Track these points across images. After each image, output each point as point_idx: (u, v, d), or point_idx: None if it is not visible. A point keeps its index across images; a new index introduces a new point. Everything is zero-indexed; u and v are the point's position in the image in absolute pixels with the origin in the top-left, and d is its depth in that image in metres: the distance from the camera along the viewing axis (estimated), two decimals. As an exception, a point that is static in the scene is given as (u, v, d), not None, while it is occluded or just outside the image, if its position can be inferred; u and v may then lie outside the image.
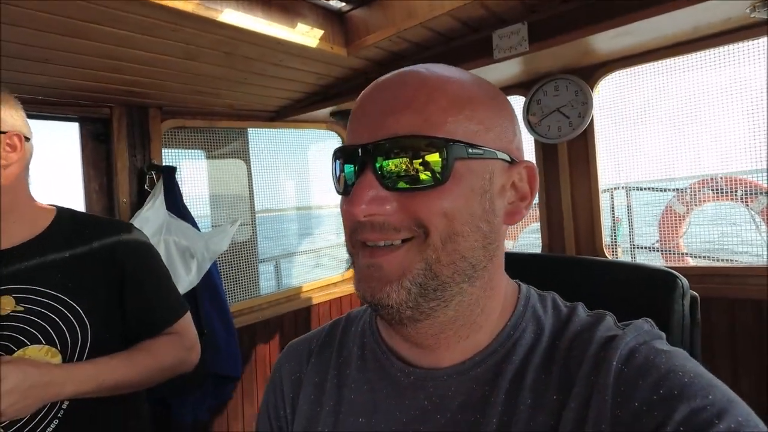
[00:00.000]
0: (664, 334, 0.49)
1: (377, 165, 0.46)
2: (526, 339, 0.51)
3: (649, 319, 0.50)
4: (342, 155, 0.51)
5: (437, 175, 0.45)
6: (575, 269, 0.80)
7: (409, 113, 0.45)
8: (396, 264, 0.46)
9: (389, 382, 0.54)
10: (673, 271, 0.72)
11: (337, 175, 0.52)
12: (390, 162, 0.45)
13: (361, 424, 0.53)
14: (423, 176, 0.45)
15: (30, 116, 1.03)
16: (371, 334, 0.60)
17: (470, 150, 0.46)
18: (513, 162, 0.51)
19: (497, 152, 0.48)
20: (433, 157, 0.45)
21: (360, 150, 0.47)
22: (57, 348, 0.89)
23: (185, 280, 1.74)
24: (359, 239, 0.48)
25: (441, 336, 0.50)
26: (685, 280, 0.72)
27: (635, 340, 0.46)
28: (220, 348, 1.85)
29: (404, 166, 0.45)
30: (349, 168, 0.49)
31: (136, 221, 1.69)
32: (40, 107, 1.64)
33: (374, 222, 0.46)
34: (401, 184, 0.46)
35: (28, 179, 0.99)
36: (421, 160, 0.45)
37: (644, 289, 0.73)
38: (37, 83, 1.51)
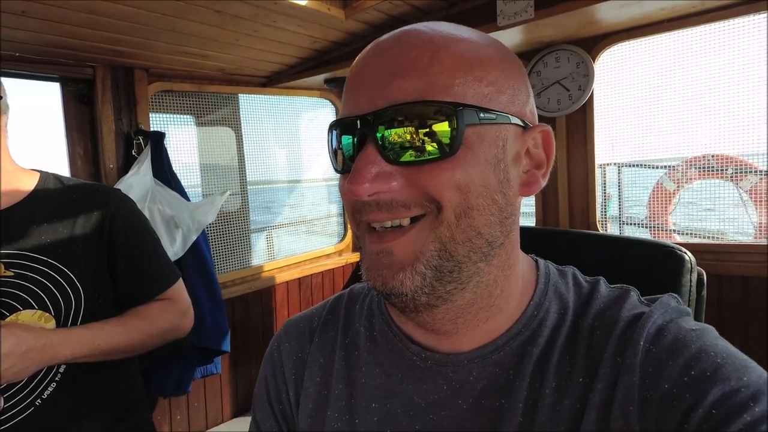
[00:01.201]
0: (690, 311, 0.47)
1: (379, 137, 0.41)
2: (551, 319, 0.48)
3: (675, 295, 0.48)
4: (339, 128, 0.46)
5: (446, 144, 0.41)
6: (578, 243, 0.79)
7: (411, 77, 0.41)
8: (407, 247, 0.43)
9: (404, 366, 0.51)
10: (681, 247, 0.72)
11: (334, 150, 0.47)
12: (393, 133, 0.41)
13: (375, 410, 0.50)
14: (430, 146, 0.41)
15: (5, 74, 0.97)
16: (380, 315, 0.56)
17: (482, 115, 0.42)
18: (527, 127, 0.46)
19: (510, 116, 0.44)
20: (442, 125, 0.40)
21: (359, 121, 0.42)
22: (50, 313, 0.89)
23: (169, 250, 1.70)
24: (364, 220, 0.44)
25: (459, 321, 0.47)
26: (692, 256, 0.72)
27: (662, 317, 0.44)
28: (206, 321, 1.82)
29: (409, 137, 0.41)
30: (348, 142, 0.44)
31: (119, 187, 1.63)
32: (17, 65, 1.54)
33: (380, 201, 0.42)
34: (407, 157, 0.41)
35: (6, 141, 0.94)
36: (427, 129, 0.40)
37: (652, 264, 0.73)
38: (13, 38, 1.41)
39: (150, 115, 1.88)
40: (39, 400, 0.87)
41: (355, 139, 0.43)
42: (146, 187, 1.70)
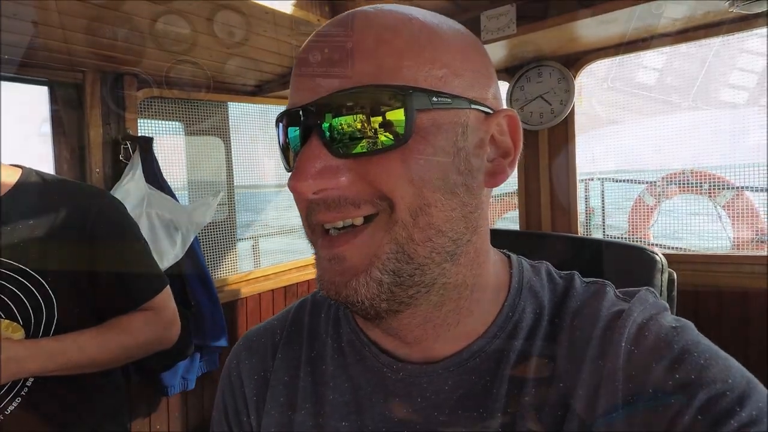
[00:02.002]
0: (667, 305, 0.46)
1: (325, 128, 0.38)
2: (527, 320, 0.45)
3: (652, 289, 0.47)
4: (283, 122, 0.42)
5: (396, 133, 0.37)
6: (554, 245, 0.82)
7: (355, 62, 0.38)
8: (361, 250, 0.39)
9: (374, 378, 0.47)
10: (653, 249, 0.75)
11: (282, 147, 0.43)
12: (338, 123, 0.37)
13: (345, 428, 0.46)
14: (382, 136, 0.37)
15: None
16: (347, 323, 0.52)
17: (435, 99, 0.38)
18: (490, 112, 0.42)
19: (470, 101, 0.40)
20: (391, 112, 0.37)
21: (301, 113, 0.39)
22: (19, 323, 0.84)
23: (170, 253, 1.72)
24: (315, 222, 0.41)
25: (427, 326, 0.44)
26: (663, 258, 0.75)
27: (642, 314, 0.42)
28: (206, 320, 1.87)
29: (359, 125, 0.37)
30: (294, 136, 0.41)
31: (117, 194, 1.64)
32: (6, 67, 1.54)
33: (328, 199, 0.39)
34: (354, 149, 0.37)
35: None
36: (374, 117, 0.37)
37: (624, 265, 0.76)
38: (2, 41, 1.42)
39: (138, 120, 1.89)
40: (0, 416, 0.82)
41: (300, 133, 0.40)
42: (142, 193, 1.71)
